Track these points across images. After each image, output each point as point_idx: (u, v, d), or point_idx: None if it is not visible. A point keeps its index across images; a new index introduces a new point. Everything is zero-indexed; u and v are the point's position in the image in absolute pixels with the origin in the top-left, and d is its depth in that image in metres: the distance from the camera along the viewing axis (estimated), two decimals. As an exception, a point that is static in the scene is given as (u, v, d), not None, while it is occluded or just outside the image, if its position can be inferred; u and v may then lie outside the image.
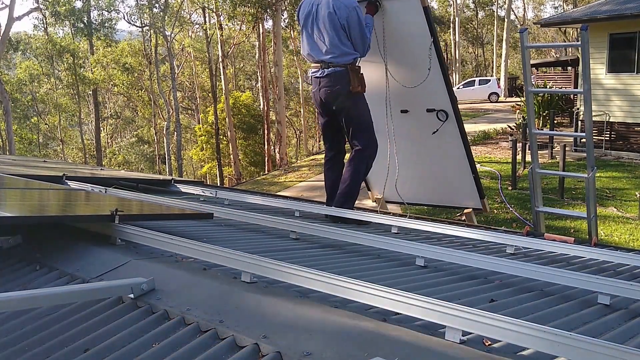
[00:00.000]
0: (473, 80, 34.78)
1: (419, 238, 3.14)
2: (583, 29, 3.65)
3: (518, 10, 52.25)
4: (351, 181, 3.95)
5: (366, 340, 1.41)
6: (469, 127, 23.31)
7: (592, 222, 4.07)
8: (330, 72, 3.88)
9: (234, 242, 2.65)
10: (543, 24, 18.18)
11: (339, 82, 3.87)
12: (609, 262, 2.78)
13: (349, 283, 1.71)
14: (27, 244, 2.35)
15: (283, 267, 1.85)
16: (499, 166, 15.11)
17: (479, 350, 1.39)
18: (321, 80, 3.93)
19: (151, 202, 3.39)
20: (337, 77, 3.87)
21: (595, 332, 1.71)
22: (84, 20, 28.00)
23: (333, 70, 3.87)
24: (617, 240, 9.01)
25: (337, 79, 3.88)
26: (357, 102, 3.96)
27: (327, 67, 3.89)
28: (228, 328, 1.54)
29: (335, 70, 3.87)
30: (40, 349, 1.59)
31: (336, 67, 3.86)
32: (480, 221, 9.47)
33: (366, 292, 1.66)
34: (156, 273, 1.89)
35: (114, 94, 39.28)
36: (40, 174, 4.22)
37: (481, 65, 51.13)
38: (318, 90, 3.97)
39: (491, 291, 2.09)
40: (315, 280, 1.77)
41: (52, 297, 1.66)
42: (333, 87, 3.90)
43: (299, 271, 1.82)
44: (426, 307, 1.54)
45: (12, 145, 22.19)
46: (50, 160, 9.09)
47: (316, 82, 3.97)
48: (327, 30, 3.84)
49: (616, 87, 14.88)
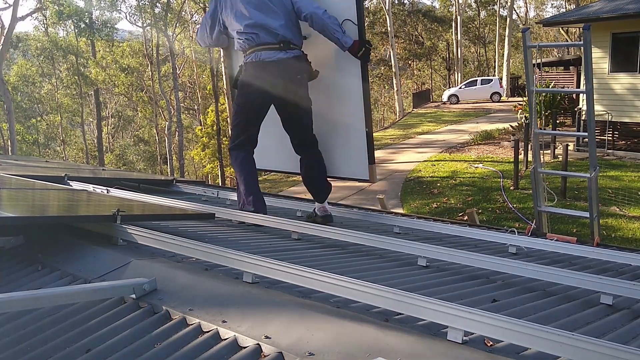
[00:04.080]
0: (475, 80, 34.78)
1: (421, 238, 3.13)
2: (585, 29, 3.64)
3: (520, 10, 52.30)
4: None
5: (368, 340, 1.41)
6: (471, 126, 23.37)
7: (595, 222, 4.07)
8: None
9: (236, 242, 2.65)
10: (545, 23, 18.16)
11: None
12: (612, 262, 2.77)
13: (351, 283, 1.70)
14: (29, 245, 2.36)
15: (285, 268, 1.85)
16: (501, 166, 15.11)
17: (481, 350, 1.39)
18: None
19: (153, 202, 3.39)
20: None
21: (598, 333, 1.71)
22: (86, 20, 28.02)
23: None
24: (619, 240, 8.99)
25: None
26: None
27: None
28: (230, 328, 1.54)
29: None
30: (43, 349, 1.59)
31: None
32: (483, 221, 9.47)
33: (368, 292, 1.66)
34: (158, 273, 1.89)
35: (115, 94, 39.33)
36: (42, 174, 4.23)
37: (483, 65, 51.10)
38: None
39: (493, 291, 2.09)
40: (317, 281, 1.77)
41: (54, 298, 1.66)
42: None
43: (301, 271, 1.82)
44: (428, 307, 1.54)
45: (15, 146, 22.23)
46: (51, 161, 9.11)
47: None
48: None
49: (619, 86, 14.86)
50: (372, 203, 10.90)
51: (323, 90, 3.49)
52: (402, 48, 47.57)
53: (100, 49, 35.81)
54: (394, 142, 22.50)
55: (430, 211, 11.80)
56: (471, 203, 11.86)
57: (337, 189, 13.48)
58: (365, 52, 3.23)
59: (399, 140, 22.90)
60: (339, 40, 3.19)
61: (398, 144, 21.75)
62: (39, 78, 36.05)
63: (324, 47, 3.35)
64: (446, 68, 49.68)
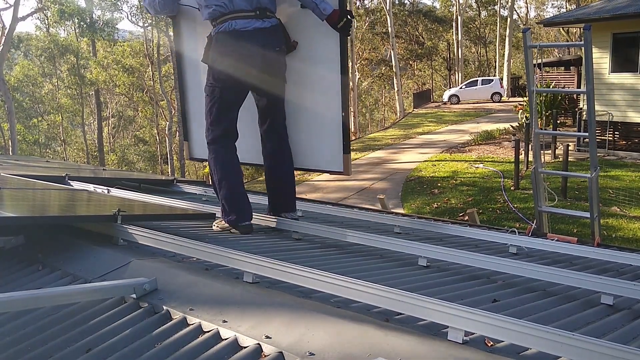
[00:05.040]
0: (476, 80, 34.77)
1: (421, 238, 3.13)
2: (586, 29, 3.64)
3: (521, 10, 52.27)
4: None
5: (369, 340, 1.41)
6: (471, 126, 23.37)
7: (595, 222, 4.06)
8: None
9: (236, 242, 2.65)
10: (546, 23, 18.14)
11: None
12: (613, 262, 2.77)
13: (352, 283, 1.70)
14: (29, 244, 2.36)
15: (285, 267, 1.85)
16: (501, 166, 15.10)
17: (482, 350, 1.39)
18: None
19: (153, 202, 3.39)
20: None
21: (599, 333, 1.71)
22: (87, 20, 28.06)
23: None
24: (620, 240, 8.99)
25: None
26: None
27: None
28: (230, 328, 1.54)
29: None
30: (43, 349, 1.59)
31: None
32: (483, 221, 9.47)
33: (369, 292, 1.66)
34: (158, 273, 1.89)
35: (115, 94, 39.35)
36: (42, 174, 4.23)
37: (484, 65, 51.08)
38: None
39: (494, 291, 2.09)
40: (317, 281, 1.77)
41: (54, 297, 1.67)
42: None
43: (301, 271, 1.82)
44: (429, 307, 1.54)
45: (15, 146, 22.23)
46: (52, 161, 9.11)
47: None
48: None
49: (619, 86, 14.85)
50: (372, 203, 10.91)
51: (294, 67, 3.07)
52: (402, 48, 47.53)
53: (101, 48, 35.80)
54: (394, 142, 22.50)
55: (431, 211, 11.80)
56: (472, 203, 11.85)
57: (337, 189, 13.50)
58: (346, 23, 2.81)
59: (400, 140, 22.89)
60: (316, 6, 2.77)
61: (399, 144, 21.74)
62: (41, 78, 36.06)
63: (297, 16, 3.01)
64: (447, 68, 49.67)
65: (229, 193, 2.90)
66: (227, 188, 2.91)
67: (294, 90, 3.11)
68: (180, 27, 3.44)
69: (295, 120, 3.15)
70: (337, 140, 3.06)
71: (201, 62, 3.05)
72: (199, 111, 3.31)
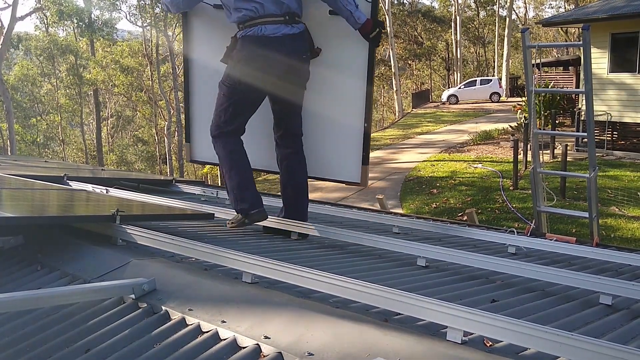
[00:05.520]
0: (474, 80, 34.79)
1: (420, 238, 3.13)
2: (585, 29, 3.64)
3: (519, 10, 52.33)
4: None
5: (367, 340, 1.41)
6: (470, 126, 23.38)
7: (594, 222, 4.07)
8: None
9: (235, 242, 2.65)
10: (545, 23, 18.16)
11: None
12: (611, 262, 2.77)
13: (350, 283, 1.70)
14: (28, 245, 2.35)
15: (284, 268, 1.85)
16: (500, 166, 15.11)
17: (481, 350, 1.39)
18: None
19: (152, 202, 3.39)
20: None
21: (597, 333, 1.71)
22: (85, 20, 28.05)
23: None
24: (619, 240, 9.00)
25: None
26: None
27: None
28: (229, 328, 1.54)
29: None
30: (42, 349, 1.59)
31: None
32: (482, 221, 9.47)
33: (367, 292, 1.66)
34: (157, 273, 1.89)
35: (114, 94, 39.32)
36: (41, 174, 4.23)
37: (482, 65, 51.12)
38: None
39: (493, 291, 2.09)
40: (316, 281, 1.77)
41: (53, 298, 1.66)
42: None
43: (300, 271, 1.82)
44: (428, 308, 1.54)
45: (14, 146, 22.21)
46: (51, 161, 9.10)
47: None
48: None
49: (618, 86, 14.86)
50: (371, 203, 10.91)
51: (317, 74, 2.98)
52: (401, 48, 47.57)
53: (100, 48, 35.77)
54: (393, 142, 22.50)
55: (430, 211, 11.80)
56: (470, 203, 11.85)
57: (336, 189, 13.50)
58: (378, 33, 2.78)
59: (398, 140, 22.90)
60: (351, 15, 2.71)
61: (397, 144, 21.75)
62: (40, 78, 36.04)
63: (324, 22, 2.93)
64: (445, 68, 49.69)
65: (240, 180, 2.86)
66: (237, 175, 2.86)
67: (315, 97, 3.02)
68: (192, 26, 3.34)
69: (314, 128, 3.06)
70: (356, 151, 3.00)
71: (211, 63, 3.01)
72: (204, 113, 3.27)
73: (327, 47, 2.99)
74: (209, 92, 3.18)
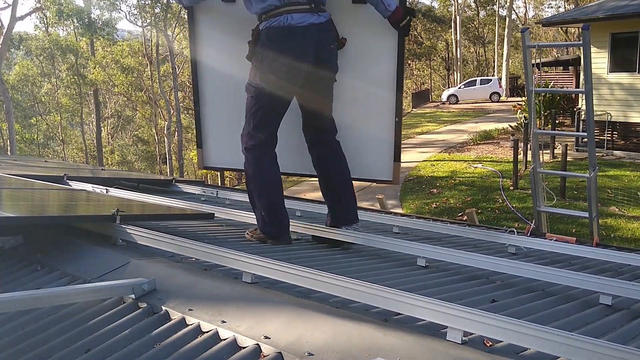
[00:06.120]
0: (474, 80, 34.79)
1: (420, 238, 3.13)
2: (584, 29, 3.64)
3: (519, 10, 52.32)
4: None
5: (367, 340, 1.41)
6: (470, 126, 23.37)
7: (594, 221, 4.07)
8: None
9: (235, 242, 2.65)
10: (545, 23, 18.17)
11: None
12: (611, 262, 2.77)
13: (350, 283, 1.71)
14: (28, 245, 2.35)
15: (284, 268, 1.85)
16: (500, 166, 15.11)
17: (481, 350, 1.39)
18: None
19: (152, 202, 3.39)
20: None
21: (597, 333, 1.71)
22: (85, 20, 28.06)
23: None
24: (619, 240, 9.00)
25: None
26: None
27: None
28: (229, 328, 1.54)
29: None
30: (42, 349, 1.59)
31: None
32: (482, 221, 9.47)
33: (367, 292, 1.66)
34: (157, 273, 1.89)
35: (114, 94, 39.34)
36: (41, 174, 4.23)
37: (482, 65, 51.11)
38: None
39: (493, 291, 2.09)
40: (316, 281, 1.77)
41: (53, 298, 1.66)
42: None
43: (300, 271, 1.82)
44: (427, 308, 1.54)
45: (14, 145, 22.21)
46: (51, 161, 9.10)
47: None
48: None
49: (618, 86, 14.87)
50: (371, 203, 10.90)
51: (344, 66, 2.80)
52: (401, 48, 47.48)
53: (100, 47, 35.78)
54: (393, 142, 22.44)
55: (430, 211, 11.81)
56: (470, 203, 11.86)
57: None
58: (408, 22, 2.63)
59: (398, 140, 22.85)
60: (380, 2, 2.58)
61: (397, 144, 21.70)
62: (40, 78, 36.05)
63: (348, 10, 2.78)
64: (445, 68, 49.68)
65: (270, 204, 2.69)
66: (268, 198, 2.69)
67: (341, 92, 2.85)
68: (198, 23, 3.12)
69: (340, 125, 2.87)
70: (387, 147, 2.87)
71: (220, 61, 2.89)
72: (215, 115, 3.15)
73: (352, 38, 2.81)
74: (219, 92, 3.08)
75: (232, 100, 2.99)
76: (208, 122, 3.26)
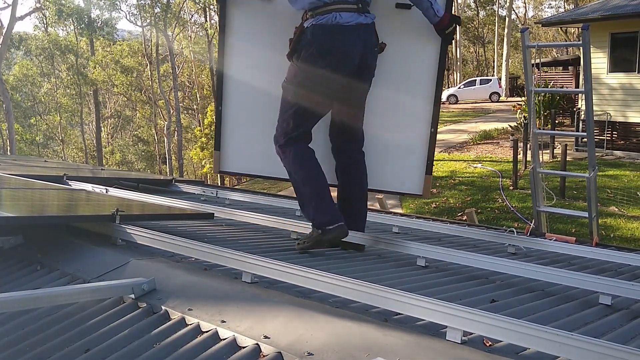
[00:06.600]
0: (474, 80, 34.76)
1: (420, 238, 3.13)
2: (584, 29, 3.64)
3: (519, 10, 52.26)
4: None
5: (367, 340, 1.41)
6: (470, 126, 23.37)
7: (594, 221, 4.07)
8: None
9: (235, 242, 2.65)
10: (544, 23, 18.17)
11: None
12: (611, 262, 2.77)
13: (350, 283, 1.70)
14: (28, 244, 2.35)
15: (284, 267, 1.85)
16: (500, 166, 15.11)
17: (480, 350, 1.39)
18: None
19: (152, 202, 3.39)
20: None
21: (597, 333, 1.71)
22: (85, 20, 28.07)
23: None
24: (618, 240, 9.00)
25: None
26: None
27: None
28: (229, 328, 1.54)
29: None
30: (42, 349, 1.59)
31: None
32: (482, 221, 9.48)
33: (367, 292, 1.66)
34: (157, 273, 1.89)
35: (114, 94, 39.34)
36: (41, 174, 4.22)
37: (482, 65, 51.10)
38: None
39: (492, 291, 2.09)
40: (316, 281, 1.77)
41: (53, 297, 1.66)
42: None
43: (300, 271, 1.82)
44: (427, 308, 1.54)
45: (14, 145, 22.20)
46: (51, 160, 9.10)
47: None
48: None
49: (618, 86, 14.87)
50: (371, 203, 10.90)
51: (379, 75, 2.66)
52: (401, 48, 47.46)
53: (100, 47, 35.78)
54: (393, 142, 22.47)
55: (429, 211, 11.81)
56: (470, 203, 11.86)
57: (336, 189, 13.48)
58: (453, 30, 2.59)
59: (398, 140, 22.86)
60: (430, 6, 2.51)
61: (397, 144, 21.70)
62: (40, 78, 36.05)
63: (390, 15, 2.68)
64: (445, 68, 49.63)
65: (318, 190, 2.53)
66: (315, 185, 2.54)
67: (375, 99, 2.72)
68: (232, 20, 2.93)
69: (372, 134, 2.73)
70: (420, 159, 2.74)
71: (251, 60, 2.79)
72: (238, 118, 3.00)
73: (392, 43, 2.69)
74: (245, 93, 2.97)
75: (257, 105, 2.85)
76: (228, 125, 3.08)
